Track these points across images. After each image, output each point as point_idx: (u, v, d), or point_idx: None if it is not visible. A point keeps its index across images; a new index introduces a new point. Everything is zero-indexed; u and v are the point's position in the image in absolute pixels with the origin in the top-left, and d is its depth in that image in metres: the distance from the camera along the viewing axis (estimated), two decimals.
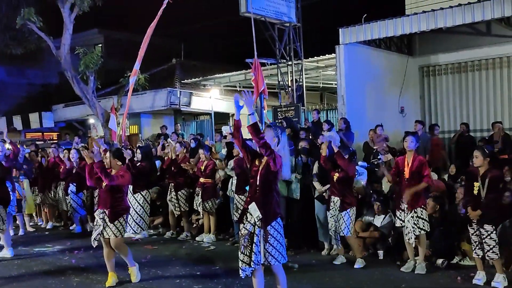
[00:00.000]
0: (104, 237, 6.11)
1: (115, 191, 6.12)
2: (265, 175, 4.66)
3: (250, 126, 4.56)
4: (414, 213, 6.27)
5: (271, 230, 4.62)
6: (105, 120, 15.39)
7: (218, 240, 8.61)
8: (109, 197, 6.09)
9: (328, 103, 19.76)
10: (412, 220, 6.28)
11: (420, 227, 6.26)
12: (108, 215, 6.06)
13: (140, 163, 8.73)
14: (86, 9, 15.10)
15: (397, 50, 13.39)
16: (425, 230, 6.30)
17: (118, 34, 26.54)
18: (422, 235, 6.32)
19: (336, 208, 6.73)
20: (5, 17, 15.35)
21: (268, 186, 4.68)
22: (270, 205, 4.66)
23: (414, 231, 6.26)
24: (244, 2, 12.64)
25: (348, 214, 6.66)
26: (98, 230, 6.13)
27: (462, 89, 13.10)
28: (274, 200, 4.70)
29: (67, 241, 8.90)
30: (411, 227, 6.27)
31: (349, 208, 6.68)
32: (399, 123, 12.70)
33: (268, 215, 4.63)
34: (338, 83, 11.93)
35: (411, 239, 6.32)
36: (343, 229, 6.66)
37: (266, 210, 4.63)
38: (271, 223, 4.64)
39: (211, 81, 19.45)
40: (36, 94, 25.99)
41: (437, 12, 10.52)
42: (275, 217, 4.67)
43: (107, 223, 6.07)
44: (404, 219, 6.38)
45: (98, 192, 6.40)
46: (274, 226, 4.65)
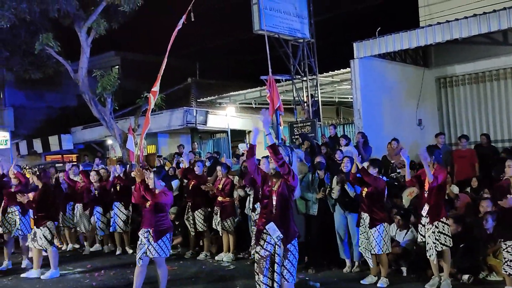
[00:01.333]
0: (147, 256, 6.18)
1: (158, 210, 6.24)
2: (282, 194, 4.67)
3: (269, 147, 4.60)
4: (435, 228, 6.11)
5: (290, 248, 4.64)
6: (123, 140, 15.52)
7: (238, 259, 8.53)
8: (153, 217, 6.21)
9: (345, 117, 19.67)
10: (433, 235, 6.11)
11: (442, 242, 6.09)
12: (152, 234, 6.16)
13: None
14: (103, 33, 15.39)
15: (413, 62, 13.30)
16: (447, 246, 6.13)
17: (134, 55, 26.97)
18: (445, 250, 6.14)
19: (365, 225, 6.54)
20: (24, 43, 15.69)
21: (285, 204, 4.69)
22: (289, 223, 4.69)
23: (436, 246, 6.08)
24: (258, 20, 12.74)
25: (378, 231, 6.41)
26: (143, 249, 6.19)
27: (481, 100, 12.90)
28: (292, 218, 4.75)
29: (87, 262, 8.90)
30: (432, 243, 6.10)
31: (379, 224, 6.43)
32: (417, 135, 12.56)
33: (289, 233, 4.65)
34: (354, 97, 11.87)
35: (432, 256, 6.13)
36: (374, 247, 6.43)
37: (285, 228, 4.63)
38: (291, 241, 4.65)
39: (227, 99, 19.55)
40: (55, 117, 26.43)
41: (452, 23, 10.44)
42: (294, 235, 4.70)
43: (151, 243, 6.15)
44: (425, 234, 6.23)
45: (143, 212, 6.44)
46: (294, 244, 4.69)
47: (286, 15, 13.65)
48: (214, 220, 8.61)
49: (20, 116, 25.40)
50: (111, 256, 9.47)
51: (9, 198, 8.78)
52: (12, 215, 8.75)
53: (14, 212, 8.75)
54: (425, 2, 13.61)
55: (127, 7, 14.63)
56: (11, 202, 8.72)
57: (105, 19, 15.37)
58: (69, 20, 15.27)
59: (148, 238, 6.17)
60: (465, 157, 9.94)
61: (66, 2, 13.92)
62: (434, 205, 6.14)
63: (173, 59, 19.16)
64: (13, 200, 8.62)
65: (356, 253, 7.13)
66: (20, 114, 25.55)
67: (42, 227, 7.87)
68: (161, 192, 6.29)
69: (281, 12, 13.53)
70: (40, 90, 25.35)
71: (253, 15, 12.89)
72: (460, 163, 10.03)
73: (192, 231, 8.96)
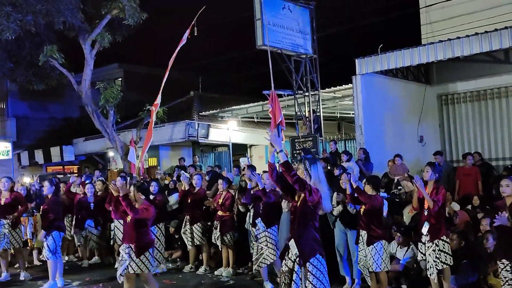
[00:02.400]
0: (129, 272, 6.09)
1: (140, 225, 6.13)
2: (301, 210, 4.56)
3: (282, 165, 4.51)
4: (435, 246, 6.09)
5: (309, 267, 4.48)
6: (125, 153, 15.55)
7: (237, 274, 8.48)
8: (134, 232, 6.11)
9: (346, 132, 19.71)
10: (433, 253, 6.09)
11: (442, 261, 6.06)
12: (134, 249, 6.05)
13: (155, 196, 8.77)
14: (107, 45, 15.50)
15: (415, 79, 13.35)
16: (447, 264, 6.10)
17: (137, 68, 27.14)
18: (446, 269, 6.12)
19: (364, 242, 6.48)
20: (28, 54, 15.81)
21: (304, 221, 4.56)
22: (307, 241, 4.53)
23: (437, 265, 6.05)
24: (261, 35, 12.83)
25: (375, 248, 6.33)
26: (124, 265, 6.10)
27: (482, 117, 12.94)
28: (311, 236, 4.54)
29: (86, 275, 8.85)
30: (433, 261, 6.08)
31: (377, 241, 6.36)
32: (418, 152, 12.56)
33: (305, 251, 4.51)
34: (355, 113, 11.90)
35: (432, 274, 6.09)
36: (371, 264, 6.35)
37: (302, 246, 4.52)
38: (309, 259, 4.49)
39: (229, 113, 19.61)
40: (57, 128, 26.52)
41: (454, 41, 10.50)
42: (313, 254, 4.51)
43: (132, 258, 6.06)
44: (425, 252, 6.20)
45: (123, 227, 6.38)
46: (313, 262, 4.49)
47: (289, 31, 13.76)
48: (214, 234, 8.57)
49: (22, 126, 25.49)
50: (110, 268, 9.40)
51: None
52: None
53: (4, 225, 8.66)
54: (427, 20, 13.73)
55: (131, 20, 14.77)
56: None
57: (109, 32, 15.51)
58: (73, 32, 15.40)
59: (130, 254, 6.06)
60: (469, 174, 9.91)
61: (71, 14, 14.05)
62: (435, 224, 6.13)
63: (176, 73, 19.30)
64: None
65: (356, 270, 7.08)
66: (22, 124, 25.64)
67: (47, 236, 7.87)
68: (142, 207, 6.15)
69: (284, 27, 13.64)
70: (43, 101, 25.47)
71: (257, 31, 12.99)
72: (464, 181, 10.03)
73: (189, 245, 8.92)
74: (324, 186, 4.61)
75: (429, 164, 6.51)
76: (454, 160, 13.16)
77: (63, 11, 13.84)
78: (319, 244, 4.59)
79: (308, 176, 4.57)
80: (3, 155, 21.60)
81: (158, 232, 8.75)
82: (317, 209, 4.56)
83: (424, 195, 6.14)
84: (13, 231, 8.70)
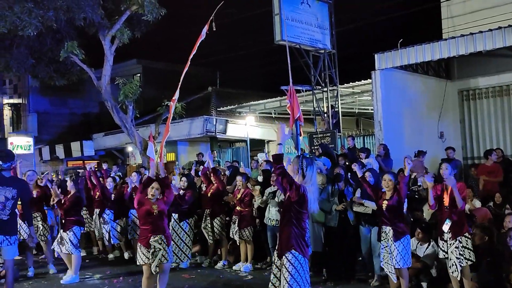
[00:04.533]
0: (162, 262, 6.31)
1: (165, 216, 6.48)
2: (285, 205, 4.73)
3: (273, 156, 4.66)
4: (459, 242, 6.01)
5: (284, 261, 4.61)
6: (143, 148, 15.68)
7: (256, 269, 8.50)
8: (162, 222, 6.42)
9: (365, 128, 19.57)
10: (457, 250, 6.01)
11: (466, 257, 5.99)
12: (165, 239, 6.34)
13: (185, 192, 8.84)
14: (126, 41, 15.62)
15: (435, 74, 13.18)
16: (471, 261, 6.03)
17: (156, 63, 27.32)
18: (466, 266, 6.03)
19: (388, 238, 6.31)
20: (49, 50, 16.02)
21: (287, 217, 4.69)
22: (285, 235, 4.66)
23: (460, 262, 5.97)
24: (279, 30, 12.80)
25: (403, 243, 6.19)
26: (158, 256, 6.27)
27: (505, 113, 12.71)
28: (291, 231, 4.61)
29: (107, 269, 8.97)
30: (456, 258, 6.00)
31: (403, 236, 6.22)
32: (438, 148, 12.39)
33: (282, 245, 4.66)
34: (374, 108, 11.80)
35: (455, 272, 6.00)
36: (399, 261, 6.17)
37: (280, 239, 4.70)
38: (284, 253, 4.62)
39: (247, 109, 19.62)
40: (77, 123, 26.91)
41: (476, 35, 10.33)
42: (288, 249, 4.60)
43: (165, 248, 6.31)
44: (447, 250, 6.12)
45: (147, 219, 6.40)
46: (287, 257, 4.59)
47: (307, 26, 13.70)
48: (232, 229, 8.61)
49: (43, 121, 25.93)
50: (131, 263, 9.50)
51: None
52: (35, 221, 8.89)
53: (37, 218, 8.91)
54: (449, 14, 13.51)
55: (150, 16, 14.86)
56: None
57: (129, 28, 15.63)
58: (93, 28, 15.55)
59: (162, 244, 6.29)
60: (492, 172, 9.74)
61: (91, 11, 14.19)
62: (457, 221, 6.06)
63: (194, 68, 19.35)
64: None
65: (377, 266, 7.04)
66: (43, 120, 26.09)
67: (68, 231, 8.02)
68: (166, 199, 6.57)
69: (303, 22, 13.59)
70: (63, 96, 25.86)
71: (275, 26, 12.97)
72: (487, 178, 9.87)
73: (210, 240, 8.96)
74: (314, 189, 4.71)
75: (446, 161, 6.44)
76: (475, 157, 12.97)
77: (84, 7, 13.98)
78: (299, 241, 4.62)
79: (302, 175, 4.65)
80: (25, 150, 21.98)
81: (188, 228, 8.86)
82: (300, 207, 4.61)
83: (456, 196, 6.00)
84: (44, 224, 8.95)
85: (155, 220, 6.34)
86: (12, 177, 6.40)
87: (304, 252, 4.63)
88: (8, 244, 6.19)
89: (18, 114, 28.30)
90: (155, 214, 6.33)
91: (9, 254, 6.30)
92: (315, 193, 4.75)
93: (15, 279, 7.28)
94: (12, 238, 6.26)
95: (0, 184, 6.14)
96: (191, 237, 8.92)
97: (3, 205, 6.12)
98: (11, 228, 6.31)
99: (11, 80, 27.95)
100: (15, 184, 6.31)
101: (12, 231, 6.33)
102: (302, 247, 4.63)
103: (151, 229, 6.35)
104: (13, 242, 6.28)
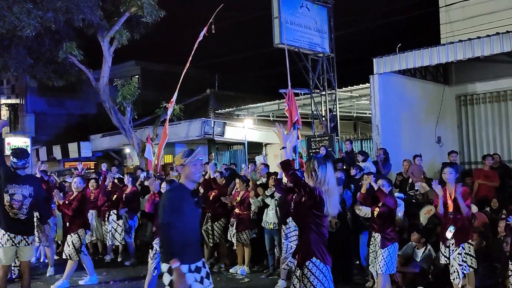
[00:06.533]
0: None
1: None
2: (302, 211, 4.32)
3: (281, 163, 4.37)
4: (462, 249, 5.96)
5: (305, 270, 4.22)
6: (141, 149, 15.67)
7: (252, 272, 8.50)
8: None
9: (362, 132, 19.59)
10: (459, 257, 5.95)
11: (469, 264, 5.96)
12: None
13: None
14: (125, 43, 15.63)
15: (433, 79, 13.22)
16: (473, 267, 6.00)
17: (154, 65, 27.28)
18: (470, 272, 6.01)
19: (376, 244, 6.40)
20: (48, 51, 16.01)
21: (302, 221, 4.35)
22: (303, 243, 4.30)
23: (463, 269, 5.92)
24: (278, 33, 12.82)
25: (388, 251, 6.21)
26: (159, 257, 6.21)
27: (502, 118, 12.75)
28: (310, 238, 4.23)
29: (103, 271, 8.94)
30: (458, 265, 5.94)
31: (390, 244, 6.24)
32: (436, 153, 12.43)
33: (301, 253, 4.29)
34: (372, 113, 11.83)
35: (456, 279, 5.94)
36: (382, 266, 6.19)
37: (300, 247, 4.34)
38: (304, 262, 4.22)
39: (245, 111, 19.63)
40: (75, 124, 26.84)
41: (474, 41, 10.37)
42: (308, 257, 4.21)
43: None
44: (449, 256, 6.07)
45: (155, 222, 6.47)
46: (308, 266, 4.20)
47: (306, 30, 13.72)
48: (230, 231, 8.61)
49: (41, 122, 25.86)
50: (128, 266, 9.49)
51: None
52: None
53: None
54: (447, 19, 13.56)
55: (149, 18, 14.87)
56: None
57: (127, 29, 15.63)
58: (92, 29, 15.56)
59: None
60: (489, 177, 9.77)
61: (90, 12, 14.19)
62: (461, 227, 6.02)
63: (193, 70, 19.38)
64: None
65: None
66: (41, 120, 26.01)
67: (73, 234, 7.73)
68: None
69: (302, 26, 13.61)
70: (61, 97, 25.80)
71: (274, 29, 12.99)
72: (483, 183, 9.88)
73: (210, 243, 8.95)
74: (333, 189, 4.30)
75: (449, 165, 6.42)
76: (472, 162, 13.00)
77: (83, 8, 13.98)
78: (319, 248, 4.24)
79: (315, 176, 4.27)
80: None
81: None
82: (317, 210, 4.21)
83: (460, 204, 5.95)
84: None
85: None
86: (27, 175, 6.36)
87: (325, 259, 4.24)
88: (26, 245, 6.15)
89: (16, 114, 28.23)
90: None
91: (27, 255, 6.26)
92: (335, 195, 4.32)
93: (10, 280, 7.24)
94: (30, 239, 6.23)
95: (17, 182, 6.07)
96: None
97: (20, 204, 6.05)
98: (28, 228, 6.27)
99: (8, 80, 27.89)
100: (31, 182, 6.26)
101: (30, 231, 6.30)
102: (323, 254, 4.24)
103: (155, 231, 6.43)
104: (31, 242, 6.24)
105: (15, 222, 6.06)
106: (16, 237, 6.06)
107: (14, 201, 6.03)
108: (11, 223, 6.05)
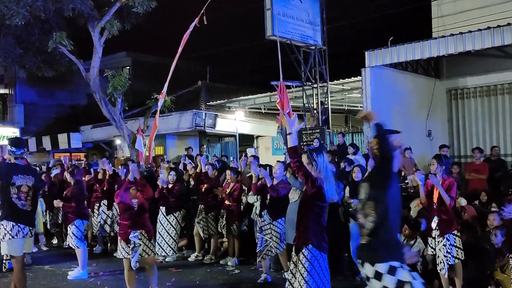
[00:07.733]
0: (144, 257, 6.36)
1: (145, 211, 6.47)
2: (303, 200, 4.61)
3: (289, 149, 4.57)
4: (446, 240, 6.01)
5: (300, 256, 4.40)
6: (132, 141, 15.57)
7: (242, 264, 8.51)
8: (142, 217, 6.42)
9: (353, 125, 19.64)
10: (444, 248, 6.00)
11: (454, 255, 6.00)
12: (146, 234, 6.38)
13: (173, 185, 8.78)
14: (116, 33, 15.46)
15: (424, 73, 13.26)
16: (459, 259, 6.04)
17: (145, 56, 27.11)
18: (457, 264, 6.05)
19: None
20: (37, 40, 15.80)
21: (304, 211, 4.52)
22: (302, 230, 4.47)
23: (448, 260, 5.97)
24: (270, 25, 12.77)
25: None
26: (138, 251, 6.28)
27: (492, 113, 12.85)
28: (309, 226, 4.41)
29: (92, 262, 8.90)
30: (443, 256, 5.99)
31: None
32: (426, 146, 12.51)
33: (299, 240, 4.47)
34: (364, 105, 11.85)
35: (442, 270, 6.00)
36: None
37: (298, 234, 4.51)
38: (301, 249, 4.41)
39: (236, 103, 19.59)
40: (65, 115, 26.62)
41: (465, 35, 10.41)
42: (305, 244, 4.39)
43: (145, 243, 6.34)
44: (435, 247, 6.13)
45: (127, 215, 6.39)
46: (304, 253, 4.37)
47: (299, 22, 13.69)
48: (220, 223, 8.61)
49: (30, 113, 25.60)
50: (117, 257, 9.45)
51: None
52: None
53: None
54: (439, 13, 13.60)
55: (140, 8, 14.69)
56: None
57: (118, 19, 15.47)
58: (83, 19, 15.36)
59: (142, 239, 6.33)
60: (478, 170, 9.84)
61: (81, 1, 14.01)
62: (445, 218, 6.07)
63: (184, 62, 19.27)
64: None
65: None
66: (30, 111, 25.75)
67: (71, 225, 7.81)
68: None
69: (294, 18, 13.57)
70: (51, 88, 25.54)
71: (266, 21, 12.94)
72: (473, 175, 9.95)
73: (204, 235, 8.92)
74: (329, 177, 4.46)
75: (435, 157, 6.46)
76: (462, 156, 13.10)
77: None
78: (316, 236, 4.40)
79: (315, 166, 4.44)
80: None
81: (175, 221, 8.77)
82: (318, 200, 4.40)
83: (441, 193, 6.02)
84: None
85: (135, 215, 6.36)
86: (26, 165, 6.30)
87: (321, 247, 4.41)
88: (30, 236, 6.14)
89: (5, 104, 27.91)
90: (135, 209, 6.36)
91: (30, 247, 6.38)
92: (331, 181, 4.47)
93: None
94: (33, 230, 6.23)
95: (20, 173, 5.99)
96: (177, 231, 8.85)
97: (25, 196, 5.98)
98: (33, 219, 6.30)
99: None
100: (32, 172, 6.21)
101: (33, 222, 6.33)
102: (320, 242, 4.41)
103: (130, 224, 6.36)
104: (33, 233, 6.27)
105: (23, 214, 6.00)
106: (25, 228, 6.02)
107: (21, 193, 5.98)
108: (20, 214, 5.97)
